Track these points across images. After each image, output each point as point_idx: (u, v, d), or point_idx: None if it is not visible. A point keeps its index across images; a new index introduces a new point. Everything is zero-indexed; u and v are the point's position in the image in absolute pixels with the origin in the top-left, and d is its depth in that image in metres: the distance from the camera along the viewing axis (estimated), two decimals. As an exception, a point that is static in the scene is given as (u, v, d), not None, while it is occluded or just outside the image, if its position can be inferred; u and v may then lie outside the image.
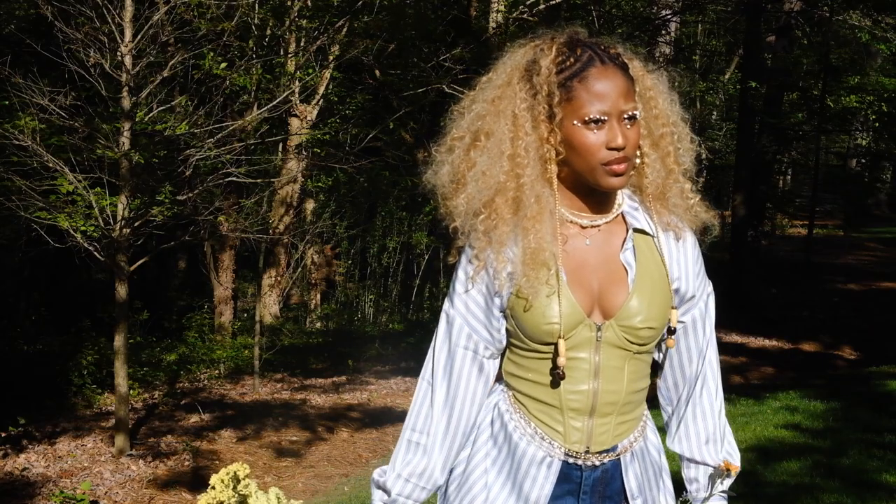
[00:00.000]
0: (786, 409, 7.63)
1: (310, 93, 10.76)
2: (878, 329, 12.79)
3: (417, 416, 1.78)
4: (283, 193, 11.41)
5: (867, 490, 5.00)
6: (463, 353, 1.74)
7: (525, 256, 1.65)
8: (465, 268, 1.73)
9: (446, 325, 1.76)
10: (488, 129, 1.69)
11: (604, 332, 1.68)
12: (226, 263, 11.24)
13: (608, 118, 1.61)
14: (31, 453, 7.16)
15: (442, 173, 1.75)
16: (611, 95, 1.61)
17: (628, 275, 1.69)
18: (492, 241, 1.67)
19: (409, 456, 1.77)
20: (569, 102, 1.62)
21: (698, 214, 1.77)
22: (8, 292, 10.93)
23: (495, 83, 1.71)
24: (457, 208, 1.71)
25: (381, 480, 1.78)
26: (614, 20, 13.65)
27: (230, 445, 7.69)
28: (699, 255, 1.79)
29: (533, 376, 1.72)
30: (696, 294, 1.77)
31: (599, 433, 1.72)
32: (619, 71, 1.63)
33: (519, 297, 1.67)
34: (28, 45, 7.11)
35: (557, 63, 1.63)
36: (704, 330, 1.80)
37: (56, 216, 6.71)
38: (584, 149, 1.62)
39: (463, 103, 1.78)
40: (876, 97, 14.97)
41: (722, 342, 12.68)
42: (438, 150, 1.78)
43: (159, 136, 7.15)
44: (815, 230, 18.28)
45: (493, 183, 1.67)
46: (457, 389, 1.75)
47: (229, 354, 10.10)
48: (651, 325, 1.69)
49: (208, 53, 7.56)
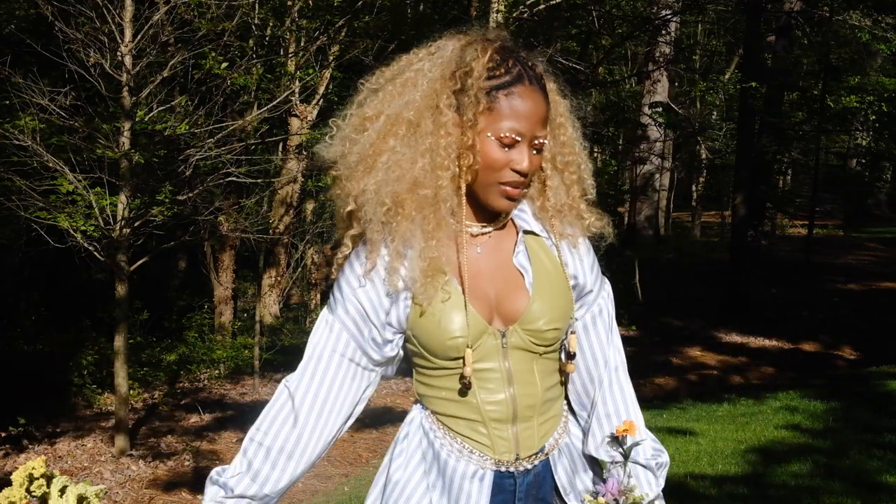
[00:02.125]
0: (786, 409, 7.63)
1: (310, 93, 10.76)
2: (878, 329, 12.79)
3: (265, 419, 1.67)
4: (283, 193, 11.41)
5: (868, 491, 4.99)
6: (339, 360, 1.66)
7: (424, 264, 1.59)
8: (353, 266, 1.65)
9: (325, 328, 1.67)
10: (410, 118, 1.62)
11: (508, 338, 1.65)
12: (226, 263, 11.24)
13: (521, 140, 1.59)
14: (32, 453, 7.16)
15: (347, 151, 1.66)
16: (530, 119, 1.58)
17: (525, 278, 1.66)
18: (392, 235, 1.61)
19: (251, 457, 1.66)
20: (489, 112, 1.58)
21: (592, 226, 1.75)
22: (8, 292, 10.93)
23: (422, 71, 1.64)
24: (363, 193, 1.62)
25: (219, 479, 1.66)
26: (614, 20, 13.64)
27: (230, 446, 7.69)
28: (593, 255, 1.77)
29: (447, 394, 1.68)
30: (594, 289, 1.75)
31: (525, 437, 1.69)
32: (542, 95, 1.61)
33: (416, 306, 1.62)
34: (28, 45, 7.11)
35: (489, 69, 1.59)
36: (607, 327, 1.76)
37: (56, 216, 6.70)
38: (489, 163, 1.59)
39: (376, 80, 1.70)
40: (876, 97, 14.96)
41: (722, 342, 12.76)
42: (340, 124, 1.70)
43: (159, 135, 7.15)
44: (815, 230, 18.28)
45: (409, 177, 1.60)
46: (326, 398, 1.66)
47: (229, 354, 10.10)
48: (555, 325, 1.67)
49: (210, 53, 7.56)
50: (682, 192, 25.51)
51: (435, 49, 1.67)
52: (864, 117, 16.77)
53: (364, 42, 10.19)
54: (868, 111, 15.69)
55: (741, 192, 13.90)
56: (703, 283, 16.00)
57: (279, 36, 9.92)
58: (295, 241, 12.36)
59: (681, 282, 16.10)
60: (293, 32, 9.94)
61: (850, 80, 15.23)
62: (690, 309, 14.06)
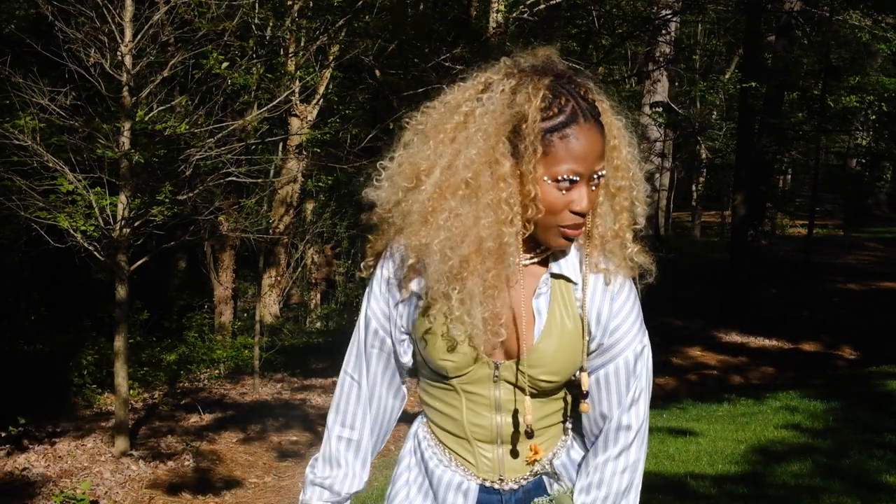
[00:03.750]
0: (786, 409, 7.63)
1: (310, 93, 10.76)
2: (878, 329, 12.79)
3: (346, 413, 1.74)
4: (283, 193, 11.41)
5: (868, 490, 4.99)
6: (378, 355, 1.71)
7: (486, 314, 1.57)
8: (386, 272, 1.68)
9: (364, 322, 1.72)
10: (469, 178, 1.55)
11: (501, 372, 1.63)
12: (226, 263, 11.24)
13: (580, 179, 1.54)
14: (32, 453, 7.16)
15: (402, 200, 1.62)
16: (587, 157, 1.53)
17: (536, 323, 1.62)
18: (457, 287, 1.57)
19: (344, 452, 1.74)
20: (544, 157, 1.52)
21: (634, 260, 1.65)
22: (8, 292, 10.93)
23: (473, 118, 1.58)
24: (426, 249, 1.58)
25: (321, 480, 1.74)
26: (614, 20, 13.64)
27: (230, 446, 7.68)
28: (630, 308, 1.65)
29: (439, 406, 1.69)
30: (618, 347, 1.63)
31: (510, 461, 1.68)
32: (597, 128, 1.55)
33: (422, 318, 1.63)
34: (28, 45, 7.10)
35: (542, 110, 1.52)
36: (623, 390, 1.64)
37: (56, 216, 6.70)
38: (548, 208, 1.54)
39: (423, 119, 1.65)
40: (876, 97, 14.96)
41: (722, 342, 12.77)
42: (388, 165, 1.66)
43: (159, 135, 7.14)
44: (815, 230, 18.28)
45: (473, 236, 1.55)
46: (373, 387, 1.73)
47: (229, 354, 10.10)
48: (551, 378, 1.62)
49: (212, 53, 7.56)
50: (682, 192, 25.50)
51: (483, 87, 1.60)
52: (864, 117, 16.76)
53: (364, 42, 10.19)
54: (868, 111, 15.69)
55: (741, 192, 13.90)
56: (703, 283, 16.00)
57: (279, 36, 9.92)
58: (295, 241, 12.37)
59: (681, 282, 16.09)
60: (293, 32, 9.95)
61: (850, 80, 15.22)
62: (690, 309, 14.06)
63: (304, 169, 11.10)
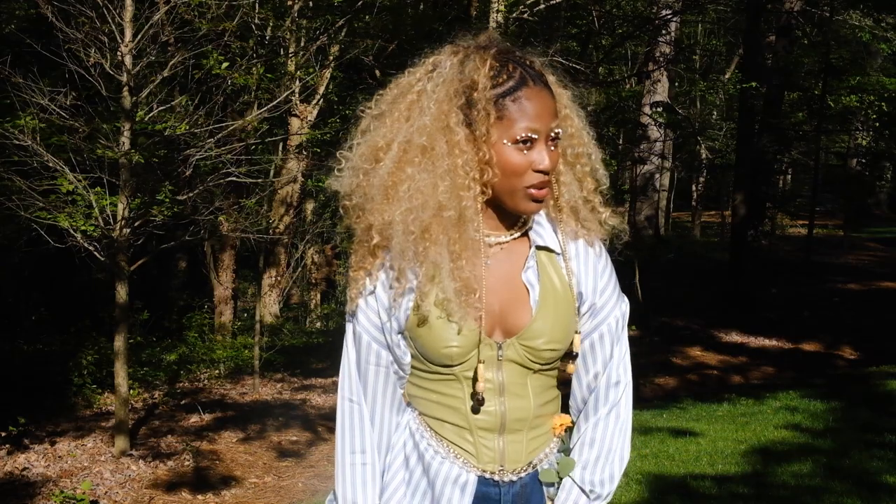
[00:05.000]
0: (786, 409, 7.63)
1: (310, 93, 10.76)
2: (878, 329, 12.79)
3: (353, 437, 1.72)
4: (283, 193, 11.41)
5: (868, 490, 4.99)
6: (375, 371, 1.70)
7: (457, 284, 1.59)
8: (372, 282, 1.66)
9: (353, 340, 1.70)
10: (423, 143, 1.61)
11: (504, 351, 1.65)
12: (226, 263, 11.24)
13: (538, 137, 1.58)
14: (32, 453, 7.16)
15: (363, 182, 1.65)
16: (542, 115, 1.58)
17: (530, 295, 1.65)
18: (421, 261, 1.61)
19: (362, 477, 1.72)
20: (500, 121, 1.57)
21: (607, 223, 1.72)
22: (8, 292, 10.93)
23: (425, 92, 1.64)
24: (389, 225, 1.61)
25: None
26: (614, 20, 13.64)
27: (230, 445, 7.69)
28: (611, 270, 1.73)
29: (437, 398, 1.69)
30: (606, 310, 1.71)
31: (512, 451, 1.69)
32: (547, 91, 1.61)
33: (415, 313, 1.63)
34: (28, 45, 7.10)
35: (491, 78, 1.58)
36: (612, 349, 1.73)
37: (56, 216, 6.70)
38: (511, 170, 1.58)
39: (377, 105, 1.70)
40: (876, 97, 14.96)
41: (722, 342, 12.75)
42: (348, 154, 1.70)
43: (159, 135, 7.14)
44: (815, 230, 18.29)
45: (433, 203, 1.59)
46: (374, 406, 1.71)
47: (229, 354, 10.10)
48: (554, 346, 1.66)
49: (212, 53, 7.56)
50: (682, 192, 25.51)
51: (432, 67, 1.66)
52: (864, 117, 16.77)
53: (364, 42, 10.19)
54: (868, 111, 15.70)
55: (741, 192, 13.91)
56: (703, 283, 16.01)
57: (279, 36, 9.92)
58: (295, 241, 12.37)
59: (681, 282, 16.10)
60: (293, 32, 9.94)
61: (850, 79, 15.22)
62: (690, 309, 14.06)
63: (304, 169, 11.10)
